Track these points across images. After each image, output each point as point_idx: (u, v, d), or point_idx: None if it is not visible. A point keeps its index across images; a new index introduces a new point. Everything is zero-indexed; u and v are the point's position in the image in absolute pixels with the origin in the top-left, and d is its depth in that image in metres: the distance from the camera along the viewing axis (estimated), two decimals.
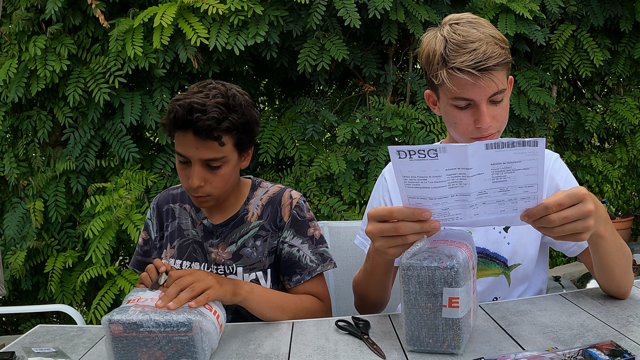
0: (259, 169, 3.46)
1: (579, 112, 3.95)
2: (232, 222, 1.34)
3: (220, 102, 1.19)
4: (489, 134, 1.16)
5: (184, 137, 1.20)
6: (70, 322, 1.95)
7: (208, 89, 1.21)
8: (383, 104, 3.27)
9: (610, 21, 3.70)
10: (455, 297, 0.91)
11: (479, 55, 1.07)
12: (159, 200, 1.45)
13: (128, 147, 3.07)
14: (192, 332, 0.92)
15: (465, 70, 1.08)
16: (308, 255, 1.31)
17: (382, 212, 0.95)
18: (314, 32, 3.06)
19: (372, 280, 1.18)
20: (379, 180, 1.41)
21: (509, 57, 1.13)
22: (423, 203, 0.90)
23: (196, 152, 1.20)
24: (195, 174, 1.21)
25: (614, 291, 1.14)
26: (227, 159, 1.23)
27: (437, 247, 0.95)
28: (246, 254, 1.32)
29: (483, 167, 0.86)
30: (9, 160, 3.18)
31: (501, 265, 1.27)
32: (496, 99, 1.13)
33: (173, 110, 1.18)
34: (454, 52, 1.09)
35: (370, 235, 0.97)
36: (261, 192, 1.38)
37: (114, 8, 3.08)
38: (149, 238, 1.44)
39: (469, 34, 1.10)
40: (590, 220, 0.88)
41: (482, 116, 1.12)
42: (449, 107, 1.17)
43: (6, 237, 3.16)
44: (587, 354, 0.86)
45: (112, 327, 0.92)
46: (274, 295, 1.21)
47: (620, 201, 4.42)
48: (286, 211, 1.34)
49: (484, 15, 3.22)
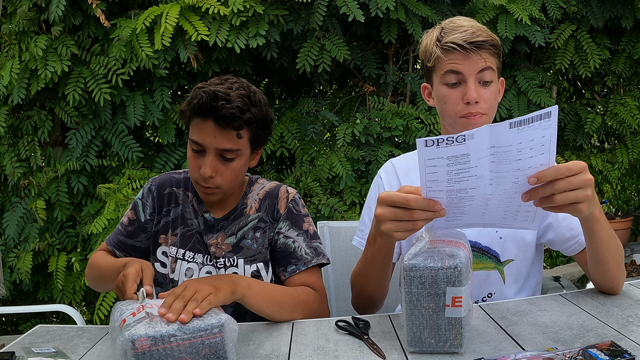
0: (259, 168, 3.47)
1: (579, 112, 3.95)
2: (232, 215, 1.35)
3: (244, 94, 1.21)
4: (477, 112, 1.23)
5: (202, 124, 1.20)
6: (70, 322, 1.95)
7: (230, 82, 1.24)
8: (383, 104, 3.27)
9: (610, 21, 3.70)
10: (459, 296, 0.91)
11: (469, 33, 1.20)
12: (159, 182, 1.40)
13: (130, 146, 3.07)
14: (224, 332, 0.91)
15: (456, 44, 1.20)
16: (303, 247, 1.31)
17: (397, 198, 0.94)
18: (314, 32, 3.06)
19: (372, 268, 1.18)
20: (376, 180, 1.43)
21: (498, 44, 1.25)
22: (440, 187, 0.90)
23: (213, 141, 1.20)
24: (209, 163, 1.21)
25: (607, 285, 1.16)
26: (241, 153, 1.24)
27: (437, 247, 0.95)
28: (246, 246, 1.32)
29: (506, 147, 0.86)
30: (9, 160, 3.18)
31: (493, 259, 1.29)
32: (484, 78, 1.23)
33: (197, 96, 1.19)
34: (447, 33, 1.23)
35: (380, 218, 0.97)
36: (258, 187, 1.39)
37: (114, 8, 3.08)
38: (136, 219, 1.38)
39: (463, 23, 1.24)
40: (589, 189, 0.90)
41: (469, 90, 1.21)
42: (440, 87, 1.26)
43: (6, 237, 3.16)
44: (587, 354, 0.86)
45: (138, 344, 0.86)
46: (272, 291, 1.19)
47: (620, 201, 4.42)
48: (283, 204, 1.35)
49: (484, 15, 3.22)
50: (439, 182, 0.89)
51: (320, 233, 1.73)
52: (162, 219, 1.38)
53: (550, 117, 0.84)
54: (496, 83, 1.27)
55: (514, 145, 0.86)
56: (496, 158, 0.87)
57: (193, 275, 1.33)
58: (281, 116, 3.42)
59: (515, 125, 0.84)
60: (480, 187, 0.91)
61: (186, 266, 1.33)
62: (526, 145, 0.86)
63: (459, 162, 0.87)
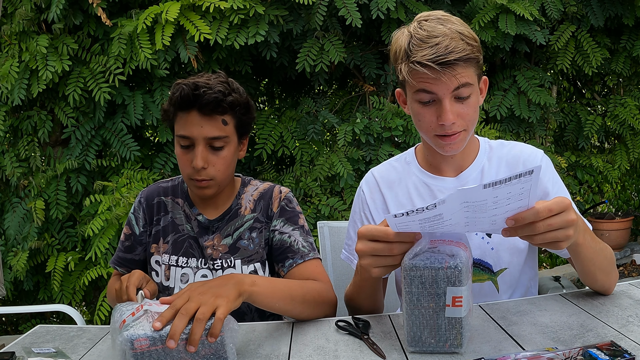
0: (259, 168, 3.47)
1: (578, 113, 3.95)
2: (227, 215, 1.35)
3: (223, 81, 1.25)
4: (453, 132, 1.14)
5: (187, 116, 1.22)
6: (70, 322, 1.95)
7: (207, 75, 1.27)
8: (383, 104, 3.27)
9: (610, 21, 3.70)
10: (459, 296, 0.91)
11: (441, 49, 1.06)
12: (148, 193, 1.41)
13: (129, 145, 3.08)
14: (223, 332, 0.91)
15: (426, 64, 1.06)
16: (300, 240, 1.31)
17: (376, 232, 0.94)
18: (314, 32, 3.06)
19: (362, 294, 1.18)
20: (358, 194, 1.38)
21: (475, 53, 1.10)
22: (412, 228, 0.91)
23: (201, 131, 1.21)
24: (199, 154, 1.22)
25: (598, 289, 1.18)
26: (229, 140, 1.26)
27: (438, 247, 0.95)
28: (243, 247, 1.32)
29: (481, 202, 0.86)
30: (9, 160, 3.18)
31: (487, 271, 1.26)
32: (461, 94, 1.11)
33: (179, 89, 1.21)
34: (417, 46, 1.08)
35: (360, 253, 0.97)
36: (251, 188, 1.39)
37: (115, 8, 3.08)
38: (132, 233, 1.40)
39: (434, 29, 1.08)
40: (571, 229, 0.89)
41: (445, 112, 1.11)
42: (414, 103, 1.16)
43: (8, 237, 3.16)
44: (587, 354, 0.86)
45: (137, 344, 0.86)
46: (279, 284, 1.13)
47: (620, 201, 4.41)
48: (276, 203, 1.36)
49: (484, 15, 3.22)
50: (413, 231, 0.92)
51: (320, 233, 1.74)
52: (153, 229, 1.38)
53: (531, 174, 0.82)
54: (476, 93, 1.15)
55: (490, 199, 0.85)
56: (471, 209, 0.87)
57: (189, 281, 1.32)
58: (281, 116, 3.43)
59: (490, 185, 0.82)
60: (456, 229, 0.93)
61: (181, 272, 1.33)
62: (503, 197, 0.85)
63: (431, 220, 0.88)
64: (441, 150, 1.19)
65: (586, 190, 4.16)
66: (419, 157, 1.33)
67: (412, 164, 1.33)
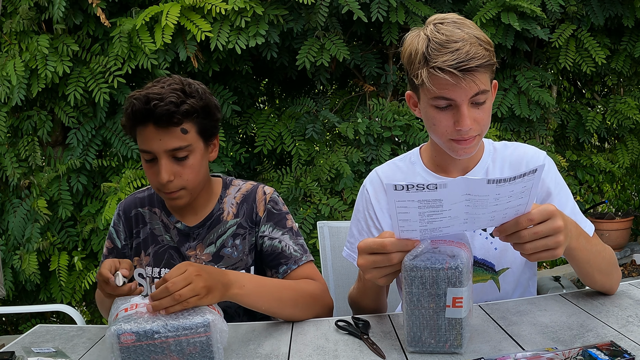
0: (259, 167, 3.46)
1: (579, 112, 3.95)
2: (208, 222, 1.31)
3: (177, 89, 1.19)
4: (469, 136, 1.14)
5: (145, 131, 1.18)
6: (70, 322, 1.95)
7: (163, 81, 1.22)
8: (383, 104, 3.27)
9: (610, 20, 3.69)
10: (459, 296, 0.91)
11: (462, 55, 1.05)
12: (125, 206, 1.38)
13: (130, 144, 3.07)
14: (210, 332, 0.92)
15: (447, 70, 1.05)
16: (291, 245, 1.29)
17: (373, 245, 0.96)
18: (314, 31, 3.06)
19: (366, 299, 1.21)
20: (362, 193, 1.37)
21: (492, 59, 1.10)
22: (413, 227, 0.91)
23: (160, 144, 1.17)
24: (163, 167, 1.18)
25: (599, 289, 1.18)
26: (192, 148, 1.21)
27: (439, 248, 0.95)
28: (227, 254, 1.30)
29: (483, 197, 0.87)
30: (10, 160, 3.17)
31: (489, 271, 1.27)
32: (478, 100, 1.11)
33: (130, 105, 1.17)
34: (436, 51, 1.07)
35: (362, 268, 0.99)
36: (234, 190, 1.35)
37: (114, 8, 3.08)
38: (114, 247, 1.37)
39: (453, 34, 1.07)
40: (560, 236, 0.90)
41: (463, 118, 1.10)
42: (429, 107, 1.15)
43: (8, 238, 3.15)
44: (587, 354, 0.86)
45: (123, 338, 0.89)
46: (270, 287, 1.15)
47: (620, 201, 4.41)
48: (261, 207, 1.32)
49: (485, 13, 3.21)
50: (411, 221, 0.90)
51: (320, 233, 1.73)
52: (134, 242, 1.36)
53: (534, 173, 0.84)
54: (490, 98, 1.15)
55: (491, 196, 0.86)
56: (471, 203, 0.88)
57: None
58: (281, 115, 3.42)
59: (494, 182, 0.83)
60: (454, 225, 0.92)
61: None
62: (504, 195, 0.86)
63: (430, 205, 0.87)
64: (455, 154, 1.19)
65: (586, 190, 4.16)
66: (424, 157, 1.33)
67: (417, 164, 1.33)
